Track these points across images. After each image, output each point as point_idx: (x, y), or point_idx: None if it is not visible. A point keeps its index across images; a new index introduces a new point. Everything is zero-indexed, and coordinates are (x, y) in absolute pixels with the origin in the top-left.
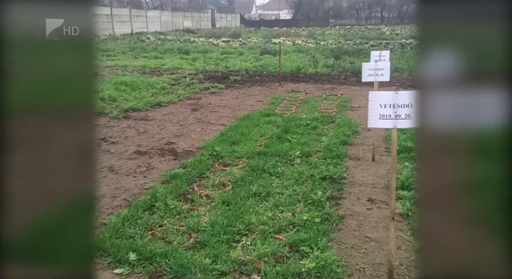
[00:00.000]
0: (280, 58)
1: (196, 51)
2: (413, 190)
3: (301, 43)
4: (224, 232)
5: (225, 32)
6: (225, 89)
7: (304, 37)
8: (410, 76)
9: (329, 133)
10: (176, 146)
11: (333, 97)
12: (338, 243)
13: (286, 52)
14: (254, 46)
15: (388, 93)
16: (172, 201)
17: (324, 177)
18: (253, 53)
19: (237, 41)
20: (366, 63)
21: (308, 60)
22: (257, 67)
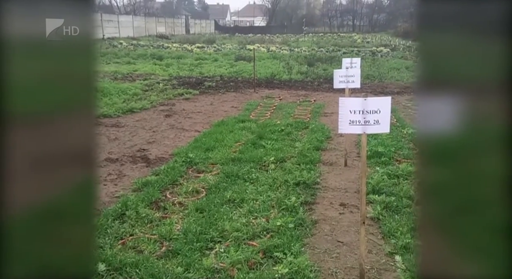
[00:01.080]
0: (255, 65)
1: (170, 57)
2: (384, 194)
3: (275, 50)
4: (197, 240)
5: (200, 38)
6: (200, 95)
7: (278, 44)
8: (381, 83)
9: (303, 139)
10: (149, 152)
11: (307, 103)
12: (311, 248)
13: (260, 58)
14: (228, 53)
15: (357, 99)
16: (144, 209)
17: (298, 182)
18: (227, 59)
19: (212, 47)
20: (337, 70)
21: (282, 66)
22: (232, 73)
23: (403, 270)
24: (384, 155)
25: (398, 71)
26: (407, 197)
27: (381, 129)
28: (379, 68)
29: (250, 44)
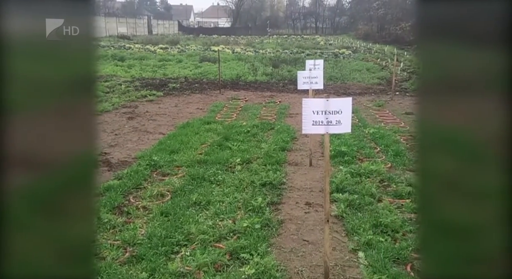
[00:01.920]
0: (220, 66)
1: (132, 58)
2: (348, 193)
3: (240, 51)
4: (162, 244)
5: (163, 38)
6: (164, 97)
7: (243, 46)
8: (343, 84)
9: (269, 140)
10: (111, 156)
11: (272, 104)
12: (277, 247)
13: (225, 60)
14: (193, 54)
15: (320, 100)
16: (106, 214)
17: (264, 183)
18: (192, 61)
19: (176, 48)
20: (301, 71)
21: (247, 68)
22: (197, 75)
23: (366, 265)
24: (347, 154)
25: (359, 72)
26: (369, 195)
27: (343, 129)
28: (342, 69)
29: (215, 45)
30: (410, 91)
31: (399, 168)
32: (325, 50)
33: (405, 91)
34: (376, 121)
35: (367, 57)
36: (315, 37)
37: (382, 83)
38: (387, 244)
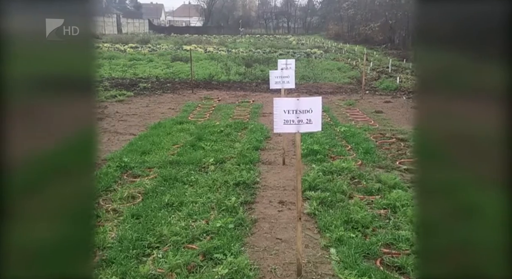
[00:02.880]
0: (192, 65)
1: (101, 57)
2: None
3: (213, 51)
4: (133, 247)
5: (133, 38)
6: (134, 97)
7: (215, 45)
8: (315, 83)
9: (242, 139)
10: None
11: (245, 104)
12: (251, 246)
13: (198, 59)
14: (164, 53)
15: (290, 99)
16: None
17: (238, 182)
18: (163, 60)
19: (146, 48)
20: (273, 71)
21: (220, 67)
22: (168, 74)
23: (337, 261)
24: (319, 153)
25: (331, 72)
26: (341, 192)
27: (313, 128)
28: (314, 69)
29: (187, 44)
30: (379, 90)
31: (369, 165)
32: (298, 50)
33: (374, 90)
34: (347, 120)
35: (338, 57)
36: (288, 37)
37: (353, 82)
38: (358, 239)
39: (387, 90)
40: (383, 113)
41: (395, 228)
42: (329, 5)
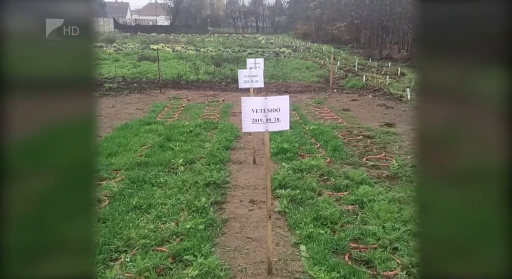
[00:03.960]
0: (160, 65)
1: None
2: (290, 188)
3: (181, 50)
4: (99, 252)
5: (97, 37)
6: (99, 98)
7: (183, 44)
8: (285, 82)
9: (212, 139)
10: None
11: (215, 103)
12: (221, 247)
13: (166, 58)
14: (131, 52)
15: (258, 98)
16: None
17: (208, 183)
18: (130, 60)
19: (112, 47)
20: (242, 70)
21: (189, 67)
22: (135, 74)
23: (307, 258)
24: (289, 151)
25: (300, 71)
26: (310, 189)
27: (281, 127)
28: (283, 68)
29: (154, 43)
30: (347, 88)
31: (338, 162)
32: (267, 49)
33: (342, 89)
34: (316, 118)
35: (307, 56)
36: (256, 36)
37: (321, 81)
38: (327, 236)
39: (354, 88)
40: (350, 111)
41: (362, 223)
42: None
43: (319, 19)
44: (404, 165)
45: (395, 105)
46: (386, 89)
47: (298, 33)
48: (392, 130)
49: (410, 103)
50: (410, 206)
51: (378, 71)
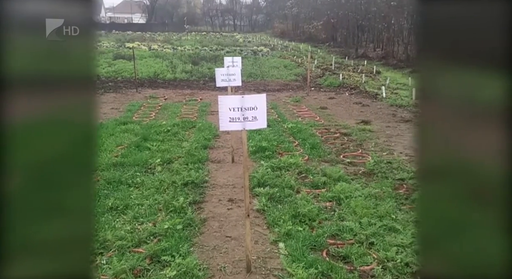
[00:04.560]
0: (136, 64)
1: None
2: (269, 186)
3: (157, 48)
4: None
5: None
6: None
7: (160, 42)
8: (263, 81)
9: (190, 138)
10: None
11: (193, 102)
12: (200, 246)
13: (142, 57)
14: (105, 51)
15: (235, 97)
16: None
17: (186, 182)
18: (104, 58)
19: None
20: (219, 68)
21: (166, 65)
22: (110, 73)
23: (286, 255)
24: (268, 149)
25: (277, 69)
26: (289, 187)
27: (259, 125)
28: (261, 67)
29: (130, 42)
30: (324, 86)
31: (315, 159)
32: (244, 48)
33: (319, 87)
34: (294, 117)
35: (284, 55)
36: (234, 35)
37: (299, 79)
38: (305, 232)
39: (331, 86)
40: (327, 109)
41: (339, 219)
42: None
43: (296, 18)
44: (380, 161)
45: (371, 103)
46: (362, 88)
47: (275, 32)
48: (368, 128)
49: (385, 101)
50: (385, 202)
51: (355, 69)
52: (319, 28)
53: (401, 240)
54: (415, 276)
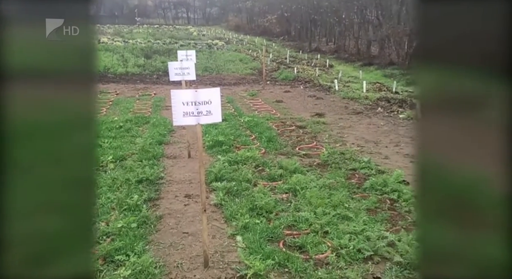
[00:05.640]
0: None
1: None
2: (226, 181)
3: (107, 42)
4: None
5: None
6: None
7: (110, 35)
8: (219, 75)
9: (144, 134)
10: None
11: (146, 97)
12: (156, 244)
13: None
14: None
15: (188, 91)
16: None
17: (141, 179)
18: None
19: None
20: (172, 62)
21: (116, 59)
22: None
23: (243, 248)
24: (224, 144)
25: (233, 63)
26: (246, 180)
27: (214, 119)
28: (216, 60)
29: None
30: (279, 80)
31: (272, 152)
32: (199, 41)
33: (275, 81)
34: (251, 110)
35: (240, 49)
36: (188, 28)
37: (255, 73)
38: (262, 225)
39: (286, 80)
40: (283, 103)
41: (295, 210)
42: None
43: (250, 12)
44: (333, 152)
45: (324, 96)
46: (316, 81)
47: (230, 25)
48: (322, 120)
49: (337, 94)
50: (338, 191)
51: (309, 63)
52: (273, 22)
53: (353, 227)
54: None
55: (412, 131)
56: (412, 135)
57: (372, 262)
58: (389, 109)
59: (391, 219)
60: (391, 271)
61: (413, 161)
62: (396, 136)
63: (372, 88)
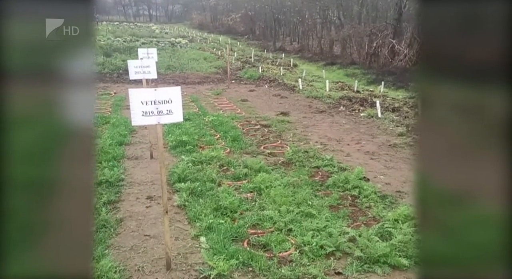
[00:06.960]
0: None
1: None
2: (190, 181)
3: None
4: None
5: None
6: None
7: None
8: (182, 73)
9: (103, 135)
10: None
11: (106, 96)
12: (116, 248)
13: None
14: None
15: (147, 90)
16: None
17: (100, 182)
18: None
19: None
20: (132, 60)
21: None
22: None
23: (207, 249)
24: (188, 143)
25: (197, 62)
26: (210, 180)
27: (175, 119)
28: (180, 59)
29: None
30: (244, 79)
31: (237, 151)
32: (161, 39)
33: (240, 80)
34: (215, 109)
35: (204, 47)
36: (150, 25)
37: (219, 72)
38: (227, 225)
39: (251, 79)
40: (248, 102)
41: (260, 209)
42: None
43: (214, 10)
44: (297, 151)
45: (289, 95)
46: (281, 80)
47: (194, 23)
48: (287, 119)
49: (302, 93)
50: (302, 189)
51: (273, 62)
52: (237, 20)
53: (316, 224)
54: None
55: (412, 152)
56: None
57: (334, 257)
58: (350, 108)
59: (352, 215)
60: (351, 266)
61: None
62: (358, 134)
63: (335, 87)
